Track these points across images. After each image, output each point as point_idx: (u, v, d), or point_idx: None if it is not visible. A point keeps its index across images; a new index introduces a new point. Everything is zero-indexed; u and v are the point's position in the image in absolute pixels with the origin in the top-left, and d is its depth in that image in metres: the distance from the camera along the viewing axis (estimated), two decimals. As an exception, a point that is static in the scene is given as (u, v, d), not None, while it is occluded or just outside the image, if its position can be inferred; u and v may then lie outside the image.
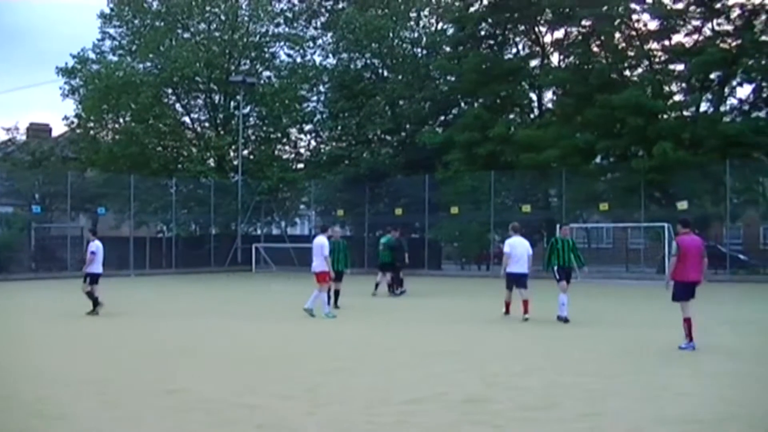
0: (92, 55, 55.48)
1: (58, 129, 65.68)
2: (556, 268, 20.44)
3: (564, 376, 12.54)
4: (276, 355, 15.08)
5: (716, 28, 46.71)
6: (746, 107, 46.57)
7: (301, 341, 17.16)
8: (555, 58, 52.27)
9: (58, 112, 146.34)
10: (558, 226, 21.29)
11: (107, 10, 55.97)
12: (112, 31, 56.53)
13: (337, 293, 23.74)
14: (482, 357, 14.65)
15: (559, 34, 51.28)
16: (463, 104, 54.42)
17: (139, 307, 25.77)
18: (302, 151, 61.72)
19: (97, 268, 22.29)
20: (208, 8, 55.99)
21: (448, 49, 55.06)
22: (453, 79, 53.17)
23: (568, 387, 11.61)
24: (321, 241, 21.96)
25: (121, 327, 19.67)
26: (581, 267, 22.52)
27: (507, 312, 21.42)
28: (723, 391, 11.35)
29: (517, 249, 21.03)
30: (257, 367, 13.52)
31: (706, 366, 13.45)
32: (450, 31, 56.14)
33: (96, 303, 21.83)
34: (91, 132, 56.65)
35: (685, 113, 46.13)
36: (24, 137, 60.46)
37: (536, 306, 20.34)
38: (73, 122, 56.68)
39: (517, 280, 20.98)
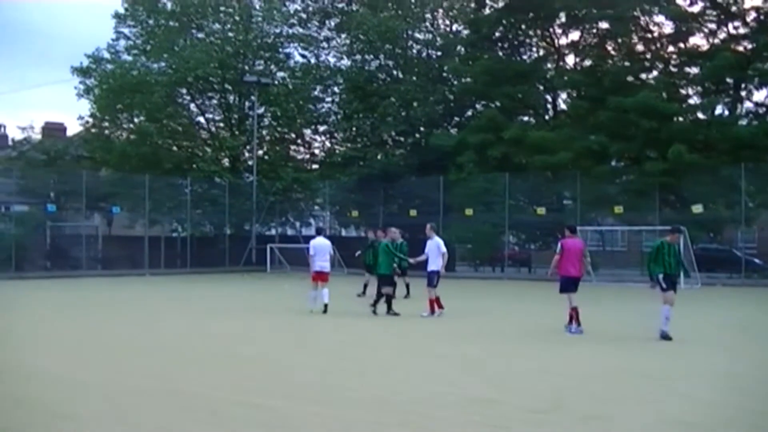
0: (107, 55, 55.79)
1: (73, 128, 66.11)
2: (661, 276, 17.71)
3: (570, 379, 12.53)
4: (284, 355, 15.07)
5: (732, 31, 46.66)
6: (761, 111, 46.44)
7: (307, 340, 17.16)
8: (570, 60, 52.25)
9: (73, 112, 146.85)
10: (670, 228, 19.86)
11: (122, 10, 56.20)
12: (126, 30, 56.69)
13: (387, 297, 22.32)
14: (486, 357, 14.65)
15: (574, 36, 51.39)
16: (477, 106, 54.46)
17: (150, 306, 25.88)
18: (316, 151, 62.11)
19: None
20: (221, 8, 56.25)
21: (461, 50, 55.02)
22: (466, 80, 53.15)
23: (574, 389, 11.61)
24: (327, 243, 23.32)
25: (130, 327, 19.67)
26: (687, 276, 20.25)
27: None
28: (723, 394, 11.34)
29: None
30: (257, 367, 13.51)
31: (709, 368, 13.39)
32: (464, 33, 56.20)
33: None
34: (106, 131, 57.06)
35: (699, 116, 45.93)
36: (39, 136, 60.99)
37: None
38: (87, 122, 57.10)
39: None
